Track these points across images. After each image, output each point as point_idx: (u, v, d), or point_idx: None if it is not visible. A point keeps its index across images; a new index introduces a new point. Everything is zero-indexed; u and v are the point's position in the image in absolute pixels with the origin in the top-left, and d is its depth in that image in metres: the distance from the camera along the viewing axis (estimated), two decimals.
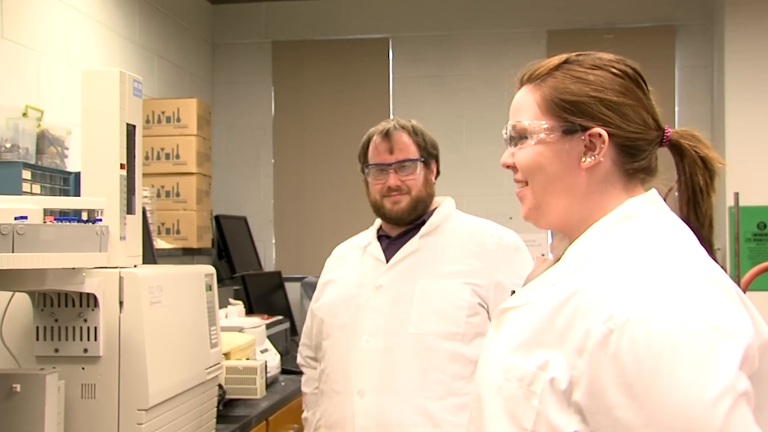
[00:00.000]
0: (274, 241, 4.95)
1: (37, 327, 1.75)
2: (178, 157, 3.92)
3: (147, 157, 3.89)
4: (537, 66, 1.24)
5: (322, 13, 4.96)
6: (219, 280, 2.22)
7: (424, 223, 2.17)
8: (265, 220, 4.94)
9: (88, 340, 1.73)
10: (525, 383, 1.08)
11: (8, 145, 2.55)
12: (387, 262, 2.15)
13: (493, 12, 4.85)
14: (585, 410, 1.02)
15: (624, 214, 1.15)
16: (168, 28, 4.34)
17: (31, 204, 1.55)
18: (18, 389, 1.60)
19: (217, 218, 4.43)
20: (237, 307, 3.41)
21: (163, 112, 3.94)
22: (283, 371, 3.32)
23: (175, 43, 4.44)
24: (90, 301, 1.73)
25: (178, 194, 3.93)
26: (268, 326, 3.44)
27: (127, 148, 1.86)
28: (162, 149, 3.93)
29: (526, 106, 1.22)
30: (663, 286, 1.02)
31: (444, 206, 2.21)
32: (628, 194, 1.19)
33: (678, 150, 1.21)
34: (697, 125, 4.53)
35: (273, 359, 3.14)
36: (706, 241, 1.18)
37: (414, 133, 2.16)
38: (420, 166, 2.15)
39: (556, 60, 1.22)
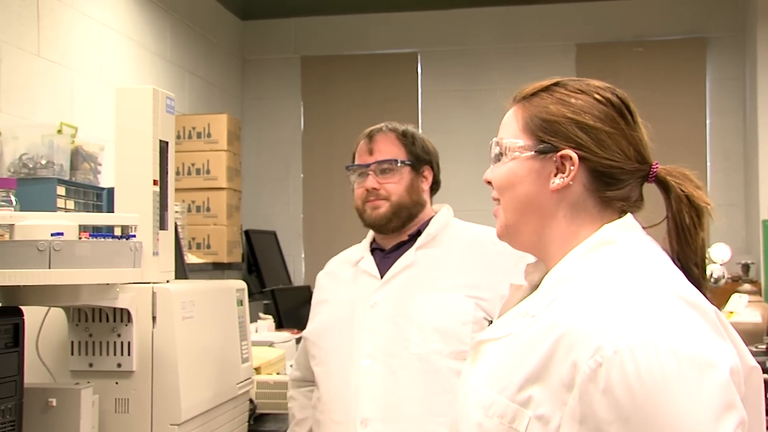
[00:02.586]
0: (303, 255, 4.97)
1: (72, 342, 1.76)
2: (208, 172, 3.96)
3: (178, 173, 3.93)
4: (528, 86, 1.24)
5: (350, 29, 4.99)
6: (249, 295, 2.22)
7: (420, 233, 2.00)
8: (295, 234, 4.96)
9: (122, 354, 1.74)
10: (506, 420, 1.06)
11: (43, 162, 2.58)
12: (381, 277, 1.98)
13: (520, 26, 4.85)
14: None
15: (601, 241, 1.14)
16: (198, 44, 4.39)
17: (67, 220, 1.57)
18: (54, 403, 1.61)
19: (246, 233, 4.46)
20: (267, 322, 3.43)
21: (193, 128, 3.98)
22: None
23: (206, 59, 4.48)
24: (123, 316, 1.74)
25: (208, 209, 3.96)
26: (298, 341, 3.45)
27: (160, 165, 1.88)
28: (193, 164, 3.96)
29: (509, 125, 1.23)
30: (648, 315, 1.00)
31: (441, 215, 2.04)
32: (603, 221, 1.16)
33: (664, 187, 1.20)
34: (729, 138, 4.49)
35: None
36: (697, 277, 1.15)
37: (403, 135, 2.02)
38: (405, 170, 1.99)
39: (546, 82, 1.23)
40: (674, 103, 4.70)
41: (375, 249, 2.09)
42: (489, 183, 1.24)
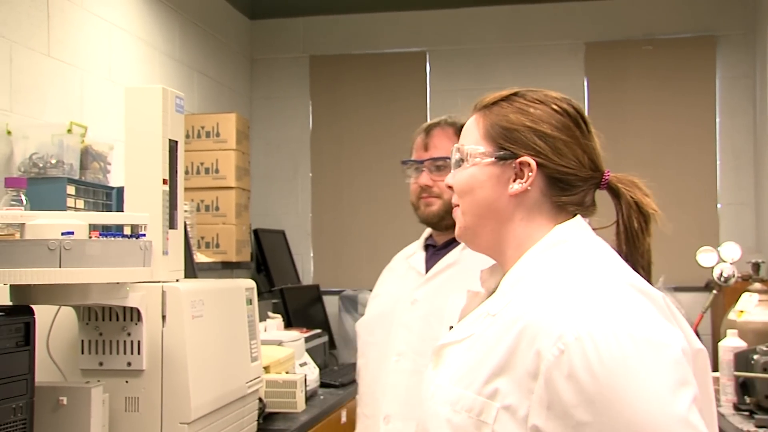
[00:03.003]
0: (312, 255, 4.97)
1: (82, 341, 1.77)
2: (217, 171, 3.96)
3: (187, 172, 3.93)
4: (489, 95, 1.30)
5: (359, 28, 4.99)
6: (257, 294, 2.22)
7: None
8: (303, 233, 4.97)
9: (132, 353, 1.75)
10: (474, 413, 1.10)
11: (53, 161, 2.59)
12: (426, 274, 2.00)
13: (529, 25, 4.84)
14: None
15: (555, 240, 1.20)
16: (207, 43, 4.40)
17: (78, 219, 1.58)
18: (64, 402, 1.62)
19: (255, 232, 4.47)
20: (276, 321, 3.43)
21: (202, 127, 3.99)
22: (322, 384, 3.32)
23: (214, 58, 4.49)
24: (133, 315, 1.75)
25: (217, 208, 3.97)
26: (307, 340, 3.45)
27: (170, 164, 1.88)
28: (201, 164, 3.97)
29: (470, 132, 1.28)
30: (604, 303, 1.07)
31: None
32: (556, 224, 1.23)
33: (615, 193, 1.27)
34: (739, 137, 4.47)
35: (312, 373, 3.14)
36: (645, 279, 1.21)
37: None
38: None
39: (506, 92, 1.29)
40: (684, 101, 4.68)
41: (429, 245, 2.08)
42: (450, 188, 1.30)
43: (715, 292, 3.54)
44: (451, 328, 1.30)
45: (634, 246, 1.25)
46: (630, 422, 1.00)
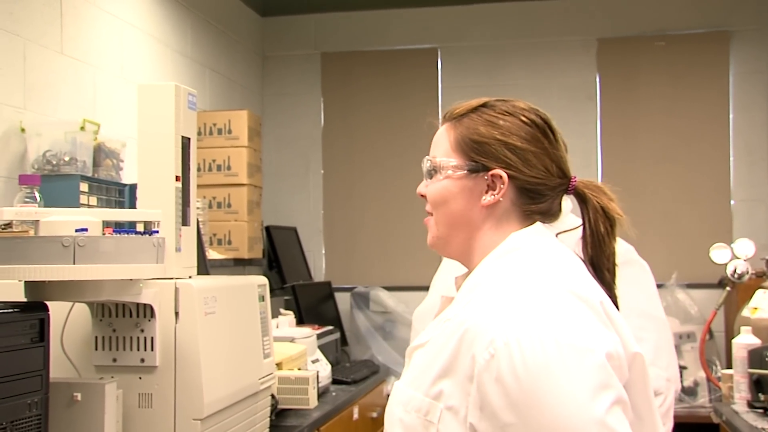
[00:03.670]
0: (323, 252, 4.98)
1: (96, 337, 1.78)
2: (229, 168, 3.97)
3: (199, 169, 3.94)
4: (458, 106, 1.33)
5: (370, 24, 4.99)
6: (269, 291, 2.23)
7: None
8: (315, 230, 4.97)
9: (145, 350, 1.75)
10: (422, 413, 1.16)
11: (66, 159, 2.61)
12: None
13: (541, 21, 4.83)
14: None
15: (508, 248, 1.25)
16: (219, 41, 4.40)
17: (91, 216, 1.58)
18: (78, 398, 1.63)
19: (267, 229, 4.47)
20: (288, 318, 3.44)
21: (214, 124, 4.00)
22: (334, 381, 3.33)
23: (226, 55, 4.50)
24: (147, 311, 1.75)
25: (229, 205, 3.98)
26: (319, 336, 3.46)
27: (182, 161, 1.89)
28: (213, 161, 3.98)
29: (441, 143, 1.33)
30: (536, 310, 1.11)
31: None
32: None
33: (582, 199, 1.30)
34: (753, 133, 4.44)
35: (324, 369, 3.15)
36: (608, 281, 1.28)
37: None
38: None
39: (475, 102, 1.32)
40: (697, 97, 4.65)
41: None
42: (423, 196, 1.34)
43: (728, 288, 3.52)
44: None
45: (600, 249, 1.29)
46: (549, 424, 1.05)
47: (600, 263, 1.28)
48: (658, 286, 4.33)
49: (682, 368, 4.09)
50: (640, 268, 2.25)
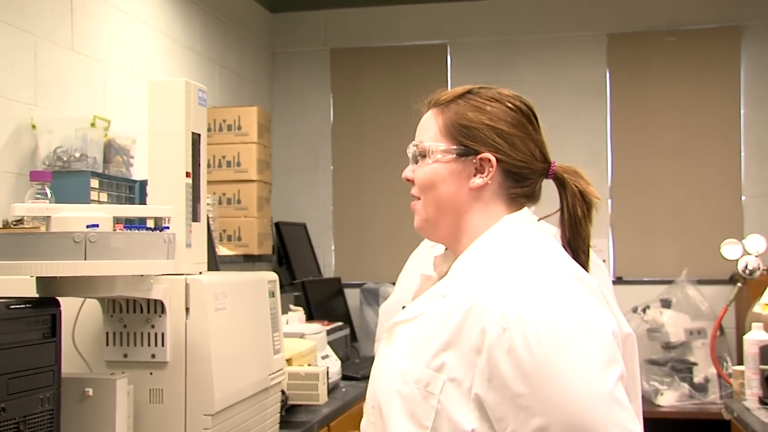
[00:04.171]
0: (333, 247, 4.98)
1: (107, 333, 1.78)
2: (239, 164, 3.97)
3: (208, 165, 3.95)
4: (443, 93, 1.38)
5: (379, 20, 4.98)
6: (279, 287, 2.23)
7: None
8: (325, 226, 4.98)
9: (156, 345, 1.76)
10: (422, 385, 1.20)
11: (77, 155, 2.61)
12: None
13: (551, 16, 4.81)
14: (488, 403, 1.14)
15: (503, 230, 1.30)
16: (228, 37, 4.41)
17: (102, 212, 1.59)
18: (90, 393, 1.63)
19: (277, 225, 4.48)
20: (298, 314, 3.44)
21: (224, 120, 4.00)
22: (344, 377, 3.33)
23: (236, 52, 4.50)
24: (157, 307, 1.76)
25: (239, 201, 3.98)
26: (329, 332, 3.46)
27: (193, 157, 1.89)
28: (223, 157, 3.98)
29: (428, 128, 1.36)
30: (545, 288, 1.17)
31: None
32: (508, 214, 1.32)
33: (561, 183, 1.35)
34: (764, 128, 4.42)
35: (334, 365, 3.15)
36: (583, 263, 1.32)
37: None
38: None
39: (460, 89, 1.37)
40: (708, 93, 4.63)
41: None
42: (409, 181, 1.38)
43: (739, 284, 3.51)
44: (404, 308, 1.38)
45: (577, 232, 1.33)
46: (561, 395, 1.10)
47: (576, 246, 1.33)
48: (669, 281, 4.37)
49: (692, 364, 4.08)
50: (597, 268, 2.27)
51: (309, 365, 2.76)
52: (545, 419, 1.10)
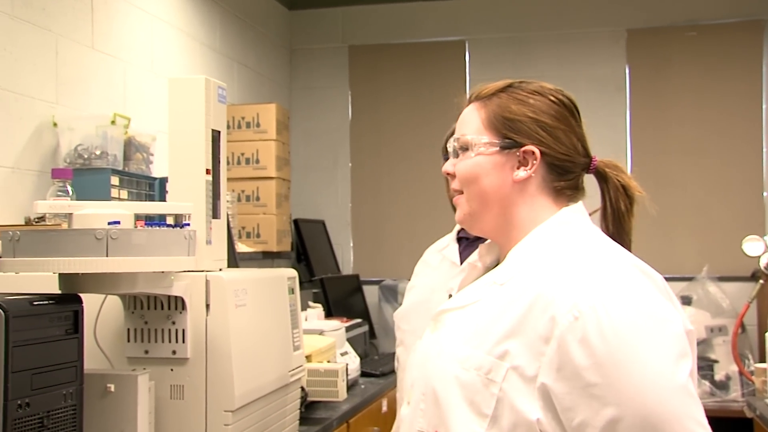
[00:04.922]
0: (351, 245, 4.99)
1: (128, 329, 1.79)
2: (257, 162, 3.99)
3: (228, 162, 3.95)
4: (485, 87, 1.37)
5: (398, 17, 4.98)
6: (298, 284, 2.24)
7: None
8: (343, 223, 4.98)
9: (177, 342, 1.76)
10: (483, 372, 1.18)
11: (98, 152, 2.63)
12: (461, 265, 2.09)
13: (570, 12, 4.79)
14: (556, 393, 1.12)
15: (561, 221, 1.29)
16: (247, 34, 4.42)
17: (124, 209, 1.60)
18: (112, 389, 1.64)
19: (295, 222, 4.49)
20: (316, 310, 3.45)
21: (243, 118, 4.01)
22: (363, 374, 3.33)
23: (254, 49, 4.51)
24: (178, 304, 1.76)
25: (258, 198, 4.00)
26: (348, 329, 3.47)
27: (213, 154, 1.90)
28: (242, 154, 4.00)
29: (471, 122, 1.35)
30: (614, 279, 1.17)
31: None
32: (557, 208, 1.31)
33: (603, 177, 1.35)
34: None
35: (353, 362, 3.16)
36: None
37: None
38: None
39: (501, 83, 1.37)
40: (729, 89, 4.59)
41: (461, 237, 2.21)
42: (449, 175, 1.38)
43: (761, 281, 3.48)
44: (451, 296, 1.38)
45: (620, 226, 1.33)
46: (635, 385, 1.08)
47: (620, 240, 1.32)
48: (689, 278, 4.34)
49: (713, 362, 4.05)
50: None
51: (328, 362, 2.76)
52: (618, 410, 1.09)
